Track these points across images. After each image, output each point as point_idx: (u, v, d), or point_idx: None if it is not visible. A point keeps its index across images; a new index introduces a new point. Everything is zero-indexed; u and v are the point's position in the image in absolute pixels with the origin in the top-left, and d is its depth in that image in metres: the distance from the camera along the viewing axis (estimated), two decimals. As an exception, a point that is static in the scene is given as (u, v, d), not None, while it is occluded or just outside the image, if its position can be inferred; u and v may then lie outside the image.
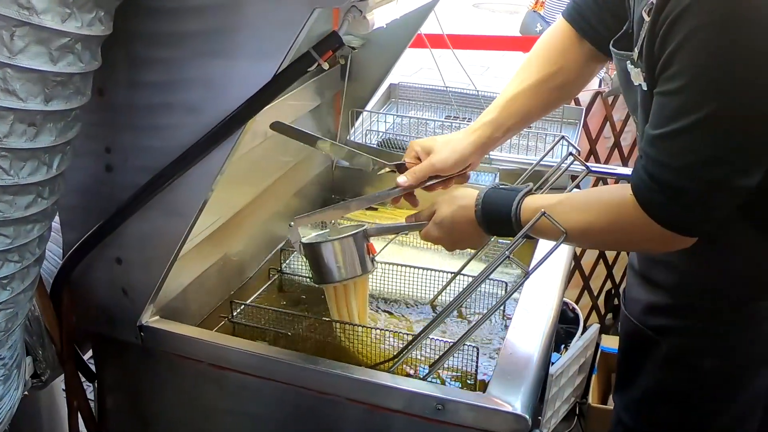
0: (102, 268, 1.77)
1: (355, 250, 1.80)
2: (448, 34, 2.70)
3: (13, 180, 1.33)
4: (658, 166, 1.44)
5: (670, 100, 1.40)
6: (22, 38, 1.23)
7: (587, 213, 1.60)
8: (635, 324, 1.82)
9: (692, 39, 1.33)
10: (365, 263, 1.83)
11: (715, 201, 1.45)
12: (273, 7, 1.41)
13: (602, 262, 3.80)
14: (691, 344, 1.72)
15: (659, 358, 1.76)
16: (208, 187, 1.59)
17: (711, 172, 1.40)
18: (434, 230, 1.82)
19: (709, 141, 1.38)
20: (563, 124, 2.87)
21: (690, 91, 1.36)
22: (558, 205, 1.63)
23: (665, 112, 1.41)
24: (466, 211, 1.74)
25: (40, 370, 1.85)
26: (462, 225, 1.76)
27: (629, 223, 1.52)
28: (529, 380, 1.67)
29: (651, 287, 1.78)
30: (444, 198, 1.82)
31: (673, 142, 1.41)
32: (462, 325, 2.02)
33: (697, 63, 1.35)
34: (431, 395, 1.59)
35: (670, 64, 1.38)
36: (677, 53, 1.36)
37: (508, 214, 1.67)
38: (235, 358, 1.75)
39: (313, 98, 2.49)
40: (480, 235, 1.77)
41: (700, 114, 1.35)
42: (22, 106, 1.27)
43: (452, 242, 1.84)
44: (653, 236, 1.50)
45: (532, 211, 1.64)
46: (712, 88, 1.35)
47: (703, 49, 1.33)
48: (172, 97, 1.56)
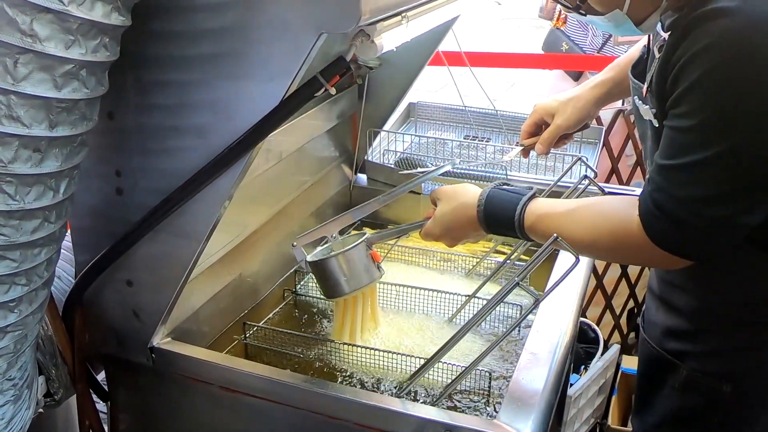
0: (113, 289, 1.78)
1: (359, 261, 1.81)
2: (468, 52, 2.69)
3: (18, 205, 1.34)
4: (664, 194, 1.46)
5: (681, 135, 1.43)
6: (26, 65, 1.23)
7: (593, 229, 1.60)
8: (654, 348, 1.80)
9: (703, 82, 1.36)
10: (371, 271, 1.84)
11: (717, 235, 1.48)
12: (281, 31, 1.41)
13: (624, 280, 3.76)
14: (710, 369, 1.69)
15: (678, 383, 1.74)
16: (217, 210, 1.59)
17: (715, 208, 1.43)
18: (434, 227, 1.83)
19: (716, 178, 1.41)
20: (583, 143, 2.84)
21: (700, 131, 1.39)
22: (564, 216, 1.63)
23: (675, 145, 1.44)
24: (467, 210, 1.75)
25: (53, 389, 1.85)
26: (462, 222, 1.78)
27: (634, 244, 1.53)
28: (540, 406, 1.64)
29: (670, 311, 1.76)
30: (445, 194, 1.83)
31: (680, 174, 1.44)
32: (477, 344, 2.00)
33: (708, 105, 1.38)
34: (440, 421, 1.57)
35: (680, 102, 1.41)
36: (688, 94, 1.39)
37: (511, 218, 1.68)
38: (245, 382, 1.74)
39: (331, 118, 2.49)
40: (479, 232, 1.78)
41: (708, 152, 1.38)
42: (27, 132, 1.28)
43: (452, 238, 1.85)
44: (656, 257, 1.53)
45: (535, 218, 1.66)
46: (721, 129, 1.38)
47: (714, 93, 1.36)
48: (181, 120, 1.56)
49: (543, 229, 1.65)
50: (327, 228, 1.93)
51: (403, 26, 1.60)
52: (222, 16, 1.45)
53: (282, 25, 1.41)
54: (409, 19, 1.63)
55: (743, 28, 1.33)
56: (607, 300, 3.75)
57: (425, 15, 1.78)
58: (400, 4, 1.53)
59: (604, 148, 3.41)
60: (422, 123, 3.14)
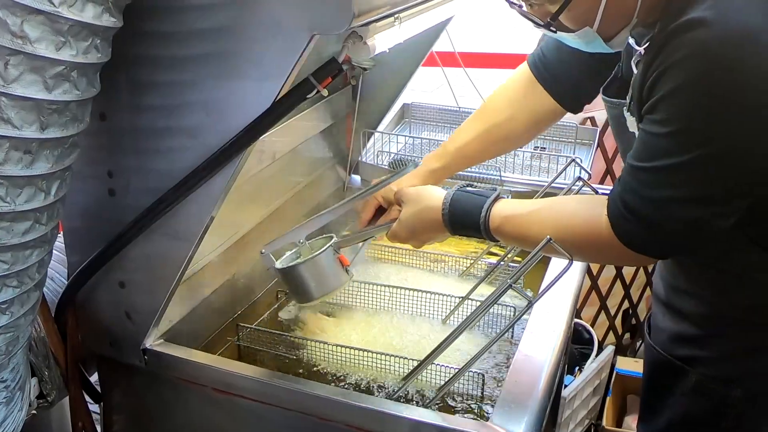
0: (105, 291, 1.78)
1: (327, 266, 1.78)
2: (462, 52, 2.69)
3: (9, 207, 1.33)
4: (637, 196, 1.47)
5: (656, 140, 1.43)
6: (16, 67, 1.23)
7: (558, 229, 1.60)
8: (661, 354, 1.79)
9: (681, 91, 1.38)
10: (340, 276, 1.80)
11: (691, 237, 1.49)
12: (273, 32, 1.41)
13: (619, 281, 3.76)
14: (720, 373, 1.68)
15: (687, 388, 1.73)
16: (210, 211, 1.59)
17: (687, 210, 1.44)
18: (400, 230, 1.83)
19: (692, 181, 1.42)
20: (577, 144, 2.84)
21: (675, 137, 1.40)
22: (529, 216, 1.65)
23: (649, 148, 1.45)
24: (432, 213, 1.76)
25: (46, 390, 1.85)
26: (426, 224, 1.78)
27: (603, 244, 1.55)
28: (534, 407, 1.64)
29: (677, 317, 1.75)
30: (409, 196, 1.83)
31: (654, 176, 1.45)
32: (470, 345, 1.99)
33: (685, 113, 1.39)
34: (433, 423, 1.57)
35: (656, 109, 1.42)
36: (665, 101, 1.40)
37: (477, 221, 1.68)
38: (238, 383, 1.74)
39: (325, 119, 2.49)
40: (445, 234, 1.79)
41: (683, 157, 1.40)
42: (18, 134, 1.27)
43: (418, 240, 1.85)
44: (624, 256, 1.53)
45: (501, 219, 1.66)
46: (698, 137, 1.39)
47: (691, 101, 1.38)
48: (173, 121, 1.56)
49: (509, 230, 1.67)
50: (295, 233, 1.92)
51: (396, 27, 1.60)
52: (214, 17, 1.45)
53: (274, 26, 1.41)
54: (402, 20, 1.64)
55: (719, 39, 1.34)
56: (602, 301, 3.75)
57: (418, 16, 1.78)
58: (393, 6, 1.52)
59: (599, 149, 3.41)
60: (416, 124, 3.12)
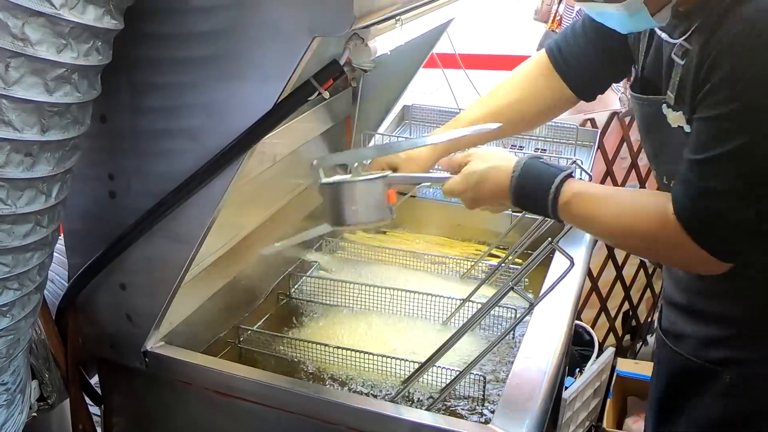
0: (106, 293, 1.77)
1: (372, 195, 1.67)
2: (462, 54, 2.69)
3: (10, 209, 1.33)
4: (702, 191, 1.45)
5: (718, 123, 1.41)
6: (17, 69, 1.23)
7: (629, 215, 1.57)
8: (689, 359, 1.76)
9: (742, 68, 1.37)
10: (382, 210, 1.69)
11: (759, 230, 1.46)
12: (274, 35, 1.41)
13: (619, 282, 3.76)
14: (755, 372, 1.67)
15: (721, 389, 1.71)
16: (210, 214, 1.59)
17: (755, 200, 1.42)
18: (460, 183, 1.72)
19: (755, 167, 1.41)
20: (578, 146, 2.84)
21: (742, 115, 1.39)
22: (602, 197, 1.61)
23: (711, 136, 1.43)
24: (500, 174, 1.67)
25: (47, 393, 1.84)
26: (490, 184, 1.68)
27: (673, 244, 1.52)
28: (535, 409, 1.64)
29: (704, 320, 1.73)
30: (479, 153, 1.74)
31: (714, 167, 1.43)
32: (472, 347, 1.99)
33: (751, 86, 1.37)
34: (435, 426, 1.57)
35: (719, 89, 1.40)
36: (727, 80, 1.39)
37: (546, 192, 1.61)
38: (239, 386, 1.73)
39: (325, 120, 2.48)
40: (503, 202, 1.71)
41: (747, 139, 1.38)
42: (19, 137, 1.27)
43: (475, 199, 1.73)
44: (693, 258, 1.50)
45: (572, 194, 1.60)
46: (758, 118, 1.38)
47: (758, 74, 1.36)
48: (174, 123, 1.56)
49: (577, 209, 1.60)
50: (352, 155, 1.77)
51: (397, 29, 1.60)
52: (215, 19, 1.44)
53: (275, 28, 1.41)
54: (403, 22, 1.63)
55: None
56: (602, 302, 3.75)
57: (419, 18, 1.77)
58: (394, 8, 1.52)
59: (599, 150, 3.41)
60: (417, 126, 3.12)
